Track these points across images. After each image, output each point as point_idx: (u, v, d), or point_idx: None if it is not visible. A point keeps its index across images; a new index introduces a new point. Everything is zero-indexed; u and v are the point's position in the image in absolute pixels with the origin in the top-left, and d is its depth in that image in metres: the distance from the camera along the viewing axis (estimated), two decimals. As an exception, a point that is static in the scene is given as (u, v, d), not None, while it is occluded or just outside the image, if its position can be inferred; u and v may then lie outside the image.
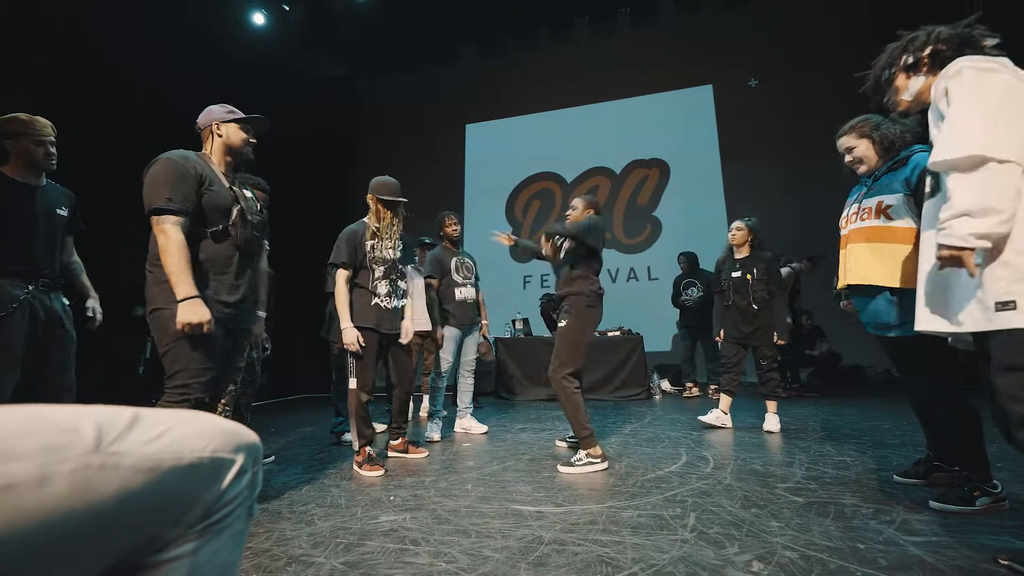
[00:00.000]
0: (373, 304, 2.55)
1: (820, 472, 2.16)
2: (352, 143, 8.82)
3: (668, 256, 5.65)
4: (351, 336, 2.47)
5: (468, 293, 3.45)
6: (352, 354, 2.51)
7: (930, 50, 1.42)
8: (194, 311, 1.58)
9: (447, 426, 3.47)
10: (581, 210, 2.76)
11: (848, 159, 1.98)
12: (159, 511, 0.49)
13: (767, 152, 6.94)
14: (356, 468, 2.45)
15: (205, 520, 0.52)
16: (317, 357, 6.89)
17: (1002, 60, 1.24)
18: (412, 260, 4.24)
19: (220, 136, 1.86)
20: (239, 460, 0.56)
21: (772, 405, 3.24)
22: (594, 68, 7.90)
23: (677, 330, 5.55)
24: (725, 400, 3.42)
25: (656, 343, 5.93)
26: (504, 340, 5.65)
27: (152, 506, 0.48)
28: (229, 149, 1.87)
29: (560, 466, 2.38)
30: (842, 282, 1.96)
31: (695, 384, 5.31)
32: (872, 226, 1.84)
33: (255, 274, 1.97)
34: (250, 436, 0.59)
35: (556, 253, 2.74)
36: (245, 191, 1.90)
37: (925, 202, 1.47)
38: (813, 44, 6.83)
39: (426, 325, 4.11)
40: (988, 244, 1.16)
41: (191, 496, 0.51)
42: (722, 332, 3.55)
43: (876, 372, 5.74)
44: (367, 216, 2.67)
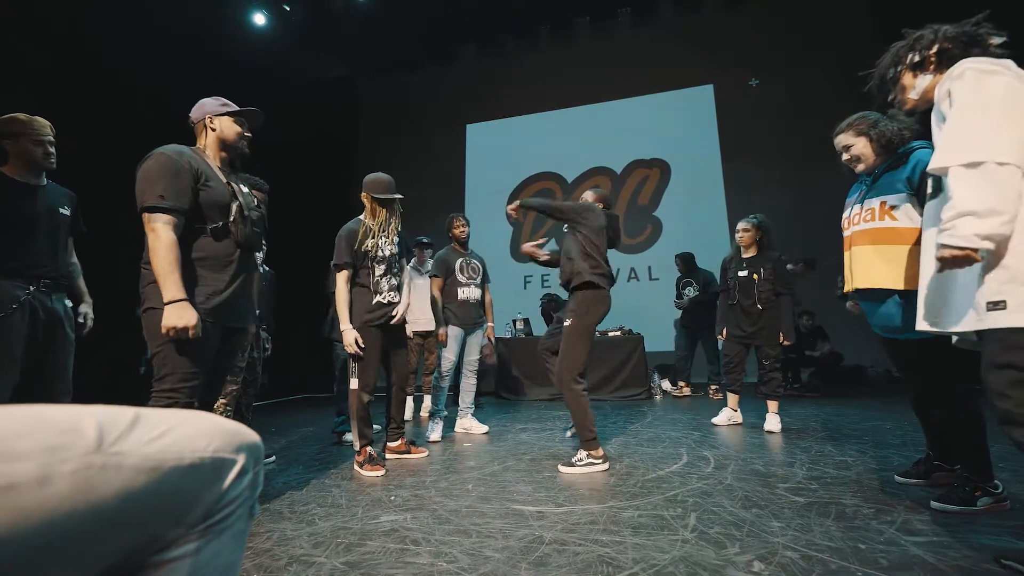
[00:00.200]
0: (375, 302, 2.56)
1: (821, 472, 2.16)
2: (352, 143, 8.82)
3: (669, 256, 5.66)
4: (350, 338, 2.47)
5: (471, 293, 3.45)
6: (353, 355, 2.51)
7: (937, 48, 1.41)
8: (180, 315, 1.53)
9: (448, 426, 3.47)
10: (591, 201, 2.71)
11: (845, 157, 1.96)
12: (160, 511, 0.49)
13: (767, 152, 6.94)
14: (357, 468, 2.45)
15: (206, 520, 0.52)
16: (317, 357, 6.90)
17: (1006, 62, 1.24)
18: (410, 256, 4.25)
19: (214, 130, 1.81)
20: (240, 460, 0.56)
21: (773, 405, 3.24)
22: (594, 68, 7.90)
23: (675, 330, 5.57)
24: (732, 398, 3.48)
25: (657, 343, 5.93)
26: (504, 340, 5.65)
27: (153, 506, 0.48)
28: (223, 143, 1.83)
29: (561, 466, 2.37)
30: (849, 286, 1.93)
31: (687, 384, 5.31)
32: (877, 228, 1.81)
33: (252, 272, 1.93)
34: (251, 436, 0.59)
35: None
36: (242, 186, 1.86)
37: (927, 203, 1.46)
38: (813, 44, 6.83)
39: (427, 325, 4.13)
40: (991, 245, 1.16)
41: (192, 496, 0.51)
42: (724, 331, 3.54)
43: (877, 372, 5.74)
44: (363, 214, 2.66)
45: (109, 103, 4.66)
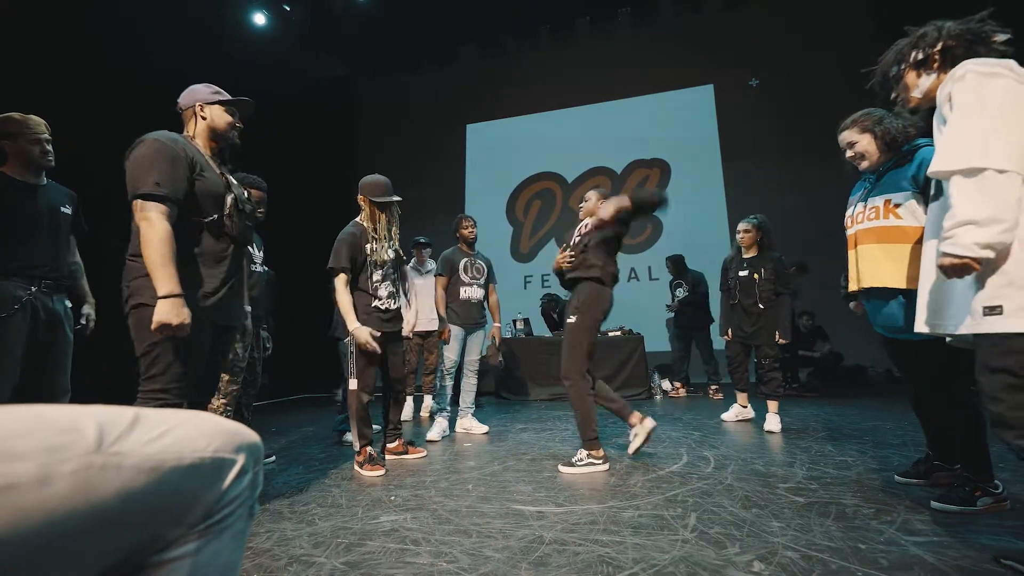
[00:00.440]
0: (373, 306, 2.55)
1: (821, 472, 2.16)
2: (352, 143, 8.82)
3: (669, 255, 5.67)
4: (364, 335, 2.43)
5: (473, 293, 3.46)
6: (362, 352, 2.48)
7: (941, 46, 1.39)
8: (175, 311, 1.43)
9: (448, 426, 3.47)
10: (595, 201, 2.68)
11: (849, 154, 1.94)
12: (160, 511, 0.49)
13: (768, 151, 6.94)
14: (357, 468, 2.45)
15: (206, 520, 0.52)
16: (318, 357, 6.90)
17: (1008, 63, 1.23)
18: (409, 259, 4.25)
19: (204, 119, 1.72)
20: (240, 460, 0.56)
21: (773, 405, 3.24)
22: (594, 68, 7.90)
23: (668, 331, 5.62)
24: (742, 396, 3.57)
25: (657, 343, 5.93)
26: (505, 340, 5.65)
27: (153, 506, 0.48)
28: (214, 133, 1.74)
29: (561, 466, 2.37)
30: (855, 285, 1.91)
31: (684, 385, 5.32)
32: (882, 226, 1.79)
33: (244, 267, 1.86)
34: (251, 436, 0.59)
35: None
36: (232, 177, 1.78)
37: (929, 204, 1.45)
38: (813, 44, 6.83)
39: (427, 325, 4.13)
40: (992, 254, 1.16)
41: (192, 496, 0.51)
42: (730, 331, 3.57)
43: (877, 372, 5.74)
44: (360, 217, 2.64)
45: (109, 103, 4.66)
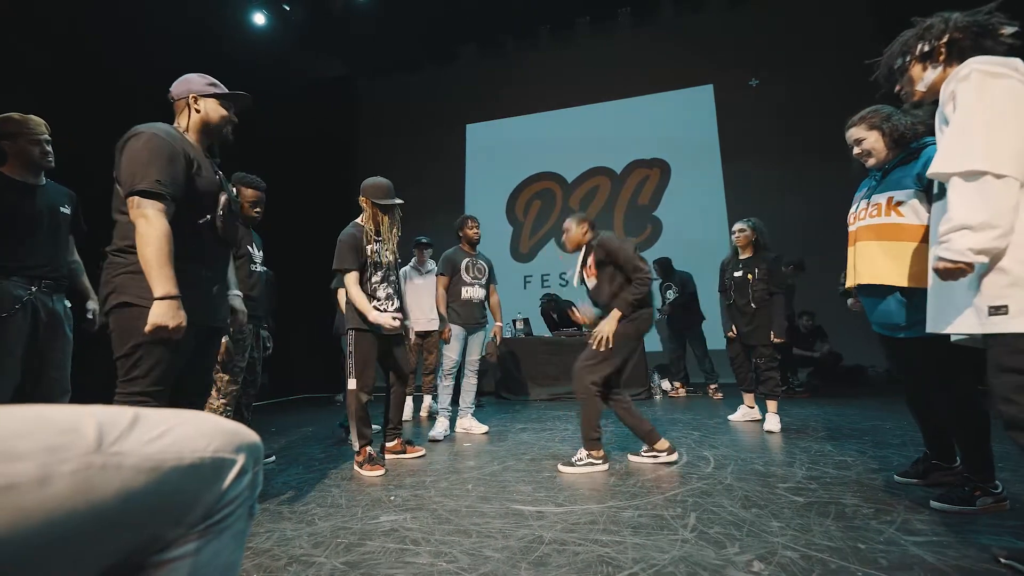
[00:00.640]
0: (372, 307, 2.55)
1: (821, 472, 2.16)
2: (352, 143, 8.82)
3: (669, 256, 5.66)
4: (387, 319, 2.46)
5: (475, 293, 3.47)
6: (361, 353, 2.50)
7: (947, 39, 1.36)
8: (171, 313, 1.37)
9: (448, 426, 3.47)
10: (575, 229, 2.60)
11: (857, 151, 1.92)
12: (160, 511, 0.49)
13: (768, 152, 6.94)
14: (357, 468, 2.45)
15: (206, 520, 0.52)
16: (317, 357, 6.92)
17: (1013, 62, 1.22)
18: (409, 259, 4.26)
19: (198, 111, 1.64)
20: (240, 460, 0.56)
21: (772, 405, 3.25)
22: (594, 68, 7.90)
23: (659, 333, 5.67)
24: (748, 396, 3.60)
25: (656, 343, 5.93)
26: (504, 340, 5.65)
27: (153, 506, 0.48)
28: (206, 126, 1.66)
29: (561, 465, 2.38)
30: (851, 281, 1.91)
31: (683, 384, 5.34)
32: (882, 223, 1.78)
33: (228, 268, 1.80)
34: (251, 436, 0.59)
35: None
36: (222, 173, 1.71)
37: (933, 204, 1.45)
38: (813, 44, 6.83)
39: (427, 325, 4.13)
40: (986, 259, 1.17)
41: (192, 496, 0.51)
42: (733, 329, 3.59)
43: (877, 372, 5.74)
44: (360, 218, 2.65)
45: (109, 103, 4.66)
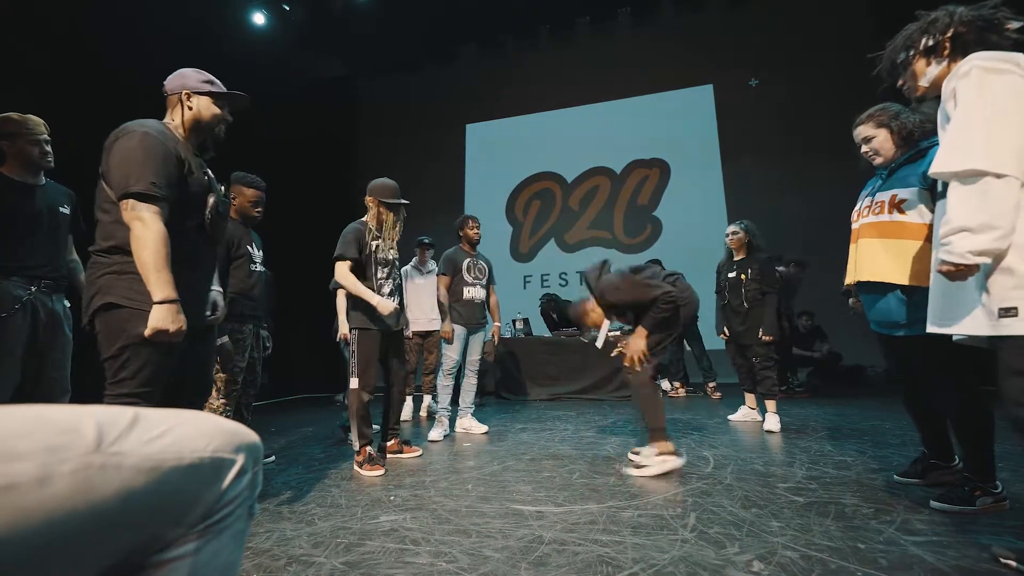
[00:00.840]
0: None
1: (821, 472, 2.16)
2: (352, 143, 8.82)
3: (669, 256, 5.66)
4: (388, 305, 2.48)
5: (476, 293, 3.48)
6: (363, 352, 2.51)
7: (952, 33, 1.35)
8: (171, 317, 1.37)
9: (448, 426, 3.47)
10: (592, 312, 2.75)
11: (864, 149, 1.91)
12: (160, 511, 0.49)
13: (767, 152, 6.94)
14: (356, 468, 2.45)
15: (206, 520, 0.52)
16: (317, 357, 6.92)
17: (1016, 58, 1.20)
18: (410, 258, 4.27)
19: (190, 109, 1.60)
20: (240, 460, 0.56)
21: (771, 404, 3.26)
22: (594, 68, 7.90)
23: None
24: (749, 397, 3.62)
25: (656, 343, 5.94)
26: (504, 340, 5.65)
27: (153, 506, 0.48)
28: (198, 125, 1.61)
29: (630, 469, 2.28)
30: (851, 278, 1.91)
31: (683, 384, 5.36)
32: (884, 221, 1.78)
33: (214, 268, 1.78)
34: (251, 436, 0.59)
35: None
36: (210, 172, 1.67)
37: (937, 202, 1.43)
38: (813, 44, 6.83)
39: (427, 325, 4.13)
40: (988, 260, 1.16)
41: (192, 496, 0.51)
42: (726, 329, 3.63)
43: (877, 372, 5.73)
44: (366, 217, 2.66)
45: (109, 103, 4.66)
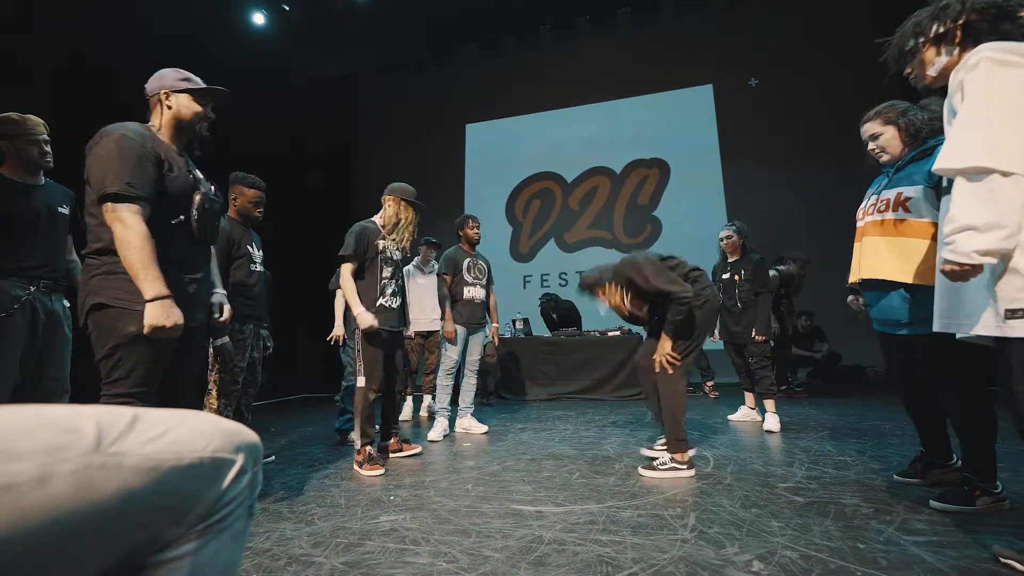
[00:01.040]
0: (378, 303, 2.58)
1: (820, 472, 2.16)
2: (352, 143, 8.82)
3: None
4: (368, 319, 2.48)
5: (476, 293, 3.48)
6: (370, 350, 2.52)
7: (963, 20, 1.30)
8: (167, 313, 1.39)
9: (448, 426, 3.47)
10: (613, 296, 2.46)
11: (871, 146, 1.90)
12: (160, 511, 0.49)
13: (767, 151, 6.94)
14: (356, 468, 2.45)
15: (206, 520, 0.52)
16: (318, 356, 6.92)
17: None
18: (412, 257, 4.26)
19: (169, 108, 1.59)
20: (239, 460, 0.56)
21: (770, 404, 3.26)
22: (594, 68, 7.90)
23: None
24: (749, 397, 3.65)
25: (656, 343, 5.95)
26: (504, 340, 5.65)
27: (153, 506, 0.48)
28: (179, 123, 1.61)
29: (641, 468, 2.26)
30: (854, 276, 1.90)
31: None
32: (888, 219, 1.77)
33: (210, 267, 1.79)
34: (250, 436, 0.59)
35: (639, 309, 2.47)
36: (197, 172, 1.68)
37: (942, 198, 1.40)
38: (813, 44, 6.83)
39: (428, 325, 4.13)
40: (993, 260, 1.13)
41: (192, 496, 0.51)
42: (716, 332, 3.67)
43: (877, 372, 5.74)
44: (377, 216, 2.70)
45: (109, 103, 4.66)
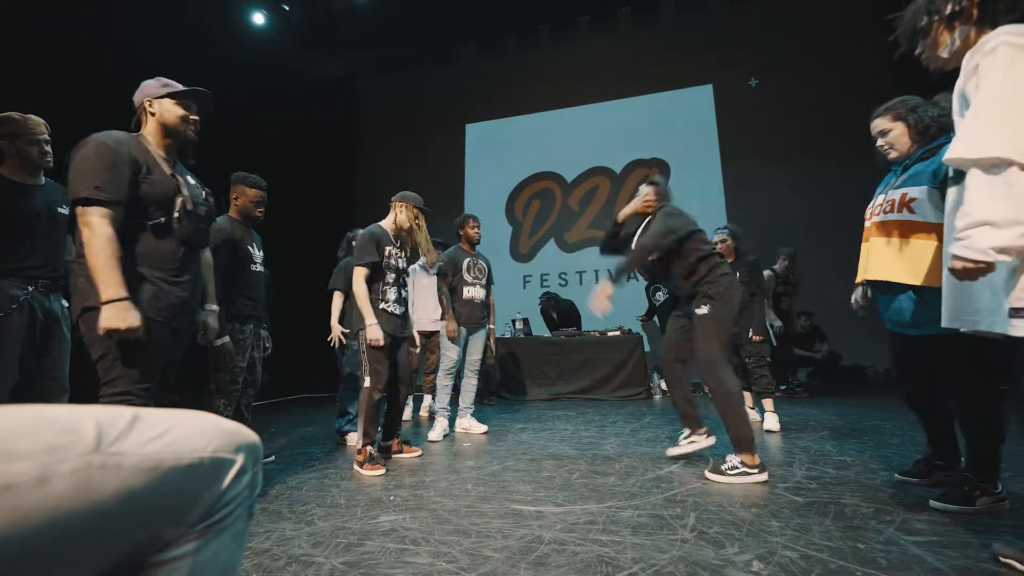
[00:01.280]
0: (381, 309, 2.60)
1: (820, 472, 2.16)
2: (352, 143, 8.81)
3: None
4: (377, 332, 2.50)
5: (476, 293, 3.48)
6: (375, 352, 2.54)
7: None
8: (121, 315, 1.40)
9: (448, 426, 3.47)
10: (643, 194, 2.44)
11: (880, 143, 1.88)
12: (160, 511, 0.49)
13: (767, 151, 6.94)
14: (356, 468, 2.45)
15: (206, 520, 0.52)
16: (318, 356, 6.91)
17: None
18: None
19: (153, 114, 1.65)
20: (239, 460, 0.56)
21: (769, 403, 3.26)
22: (594, 68, 7.90)
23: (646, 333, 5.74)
24: (748, 397, 3.62)
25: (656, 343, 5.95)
26: (504, 340, 5.65)
27: (153, 506, 0.48)
28: (166, 128, 1.67)
29: (708, 472, 2.16)
30: (861, 277, 1.90)
31: None
32: (894, 220, 1.76)
33: (200, 268, 1.83)
34: (250, 436, 0.59)
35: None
36: (188, 177, 1.72)
37: (948, 189, 1.35)
38: (813, 44, 6.83)
39: (429, 325, 4.13)
40: (1009, 258, 1.07)
41: (192, 496, 0.51)
42: None
43: (877, 372, 5.74)
44: (385, 221, 2.71)
45: (109, 103, 4.66)
